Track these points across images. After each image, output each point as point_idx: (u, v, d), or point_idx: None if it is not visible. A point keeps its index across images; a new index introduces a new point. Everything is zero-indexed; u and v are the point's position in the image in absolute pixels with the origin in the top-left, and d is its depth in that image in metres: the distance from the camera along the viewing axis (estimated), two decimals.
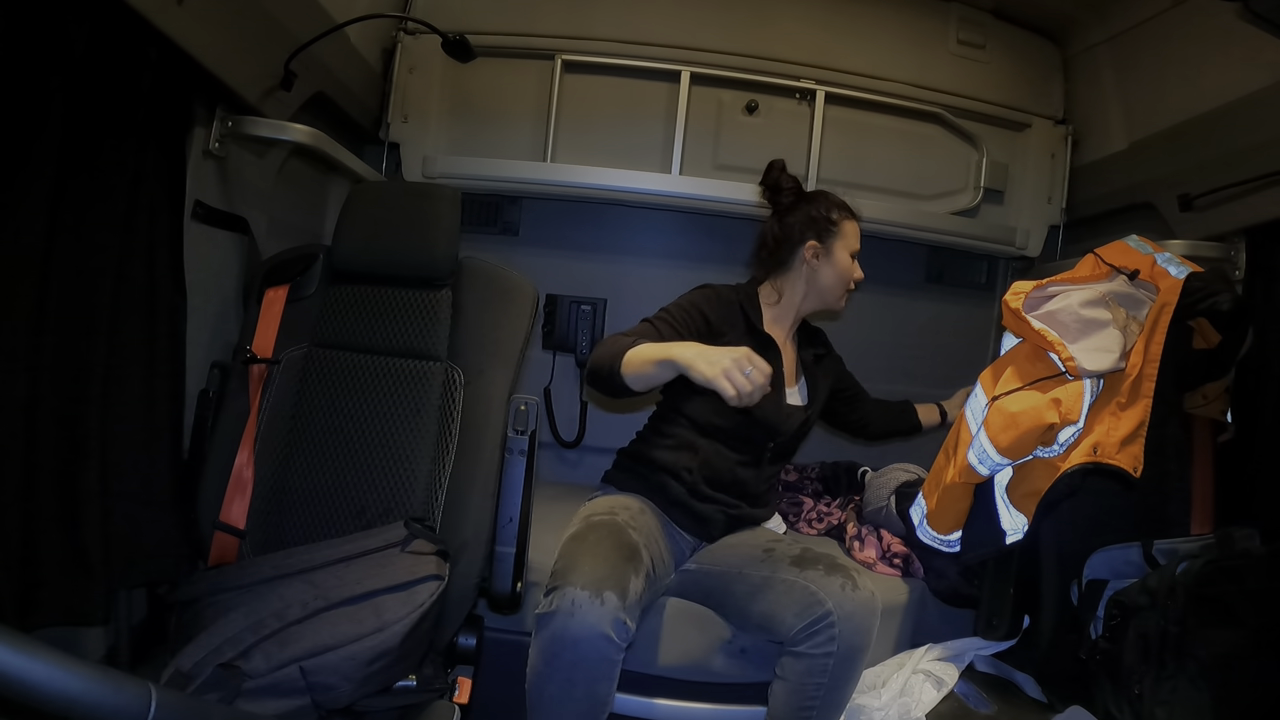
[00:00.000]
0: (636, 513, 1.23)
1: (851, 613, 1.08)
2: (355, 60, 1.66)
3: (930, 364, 2.08)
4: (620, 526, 1.16)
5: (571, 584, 1.00)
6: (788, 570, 1.16)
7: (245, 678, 0.86)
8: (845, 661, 1.08)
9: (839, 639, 1.06)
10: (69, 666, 0.41)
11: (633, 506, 1.25)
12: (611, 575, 1.02)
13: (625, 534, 1.14)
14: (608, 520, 1.18)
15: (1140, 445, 1.19)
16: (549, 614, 0.99)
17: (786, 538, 1.31)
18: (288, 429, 1.20)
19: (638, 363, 1.09)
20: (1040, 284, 1.33)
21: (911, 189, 1.98)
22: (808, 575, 1.13)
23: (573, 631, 0.97)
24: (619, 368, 1.10)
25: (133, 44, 1.04)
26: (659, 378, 1.10)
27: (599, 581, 1.00)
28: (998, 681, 1.36)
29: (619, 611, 0.98)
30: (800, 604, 1.10)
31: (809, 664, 1.08)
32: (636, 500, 1.28)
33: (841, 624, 1.07)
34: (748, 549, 1.26)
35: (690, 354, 1.02)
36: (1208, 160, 1.49)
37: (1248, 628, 1.08)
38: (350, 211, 1.26)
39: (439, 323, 1.22)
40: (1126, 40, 1.75)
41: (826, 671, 1.07)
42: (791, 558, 1.19)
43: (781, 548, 1.23)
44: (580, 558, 1.06)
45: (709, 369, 0.98)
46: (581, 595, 0.98)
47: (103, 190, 1.02)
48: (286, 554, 1.05)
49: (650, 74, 1.88)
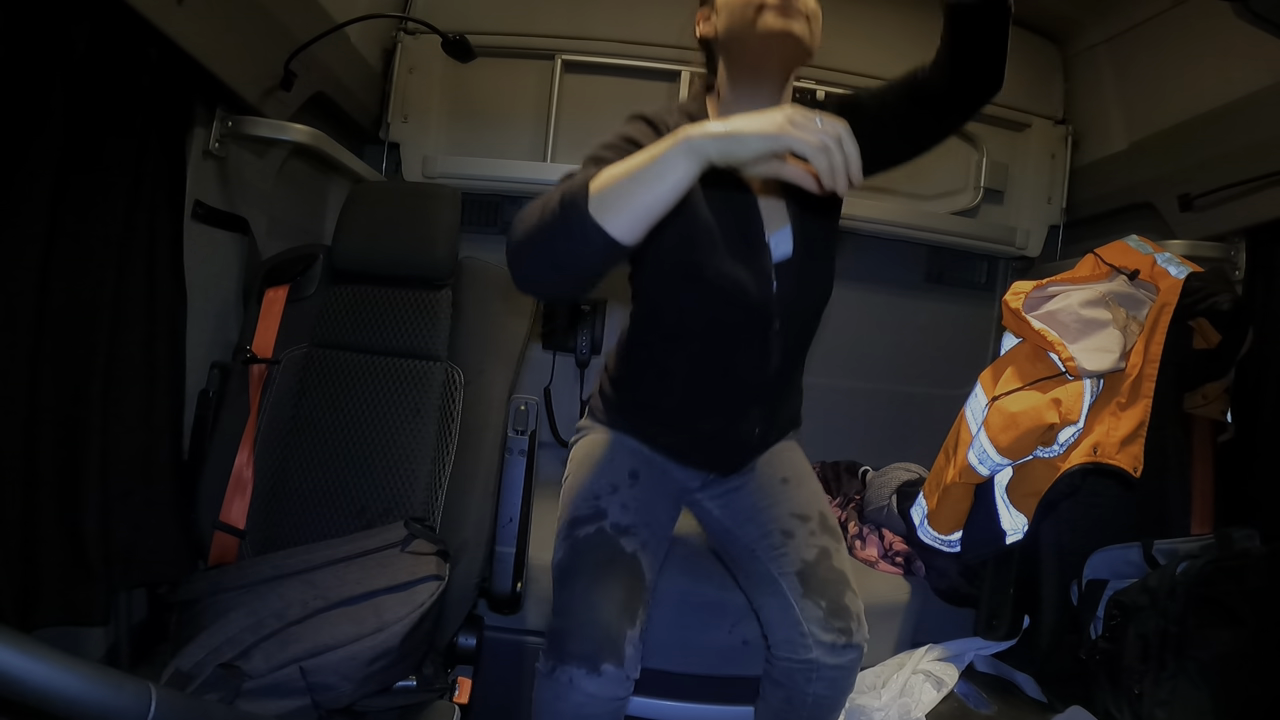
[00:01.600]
0: (625, 483, 1.06)
1: (837, 665, 0.99)
2: (355, 60, 1.65)
3: (930, 364, 2.07)
4: (610, 538, 1.00)
5: (566, 661, 0.90)
6: (791, 583, 1.02)
7: (245, 678, 0.86)
8: (828, 699, 1.03)
9: (817, 683, 1.01)
10: (69, 666, 0.41)
11: (620, 467, 1.08)
12: (608, 636, 0.90)
13: (618, 549, 0.99)
14: (595, 535, 1.00)
15: (1140, 445, 1.19)
16: (547, 679, 0.92)
17: (814, 517, 1.09)
18: (288, 429, 1.20)
19: (616, 183, 0.69)
20: (1040, 284, 1.33)
21: (911, 189, 1.98)
22: (807, 609, 0.99)
23: (573, 702, 0.91)
24: (584, 202, 0.70)
25: (133, 44, 1.04)
26: (658, 198, 0.69)
27: (596, 651, 0.90)
28: (998, 681, 1.36)
29: (619, 678, 0.91)
30: (789, 633, 1.01)
31: (789, 696, 1.03)
32: (624, 447, 1.12)
33: (825, 674, 1.00)
34: (767, 520, 1.09)
35: (716, 127, 0.67)
36: (1208, 160, 1.48)
37: (1248, 628, 1.08)
38: (350, 211, 1.26)
39: (439, 323, 1.22)
40: (1126, 40, 1.75)
41: (807, 706, 1.02)
42: (803, 564, 1.03)
43: (801, 536, 1.06)
44: (572, 614, 0.93)
45: (765, 125, 0.65)
46: (578, 673, 0.89)
47: (103, 190, 1.02)
48: (286, 554, 1.05)
49: (650, 74, 1.88)
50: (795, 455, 1.22)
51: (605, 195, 0.70)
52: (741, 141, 0.67)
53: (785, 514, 1.09)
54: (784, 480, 1.14)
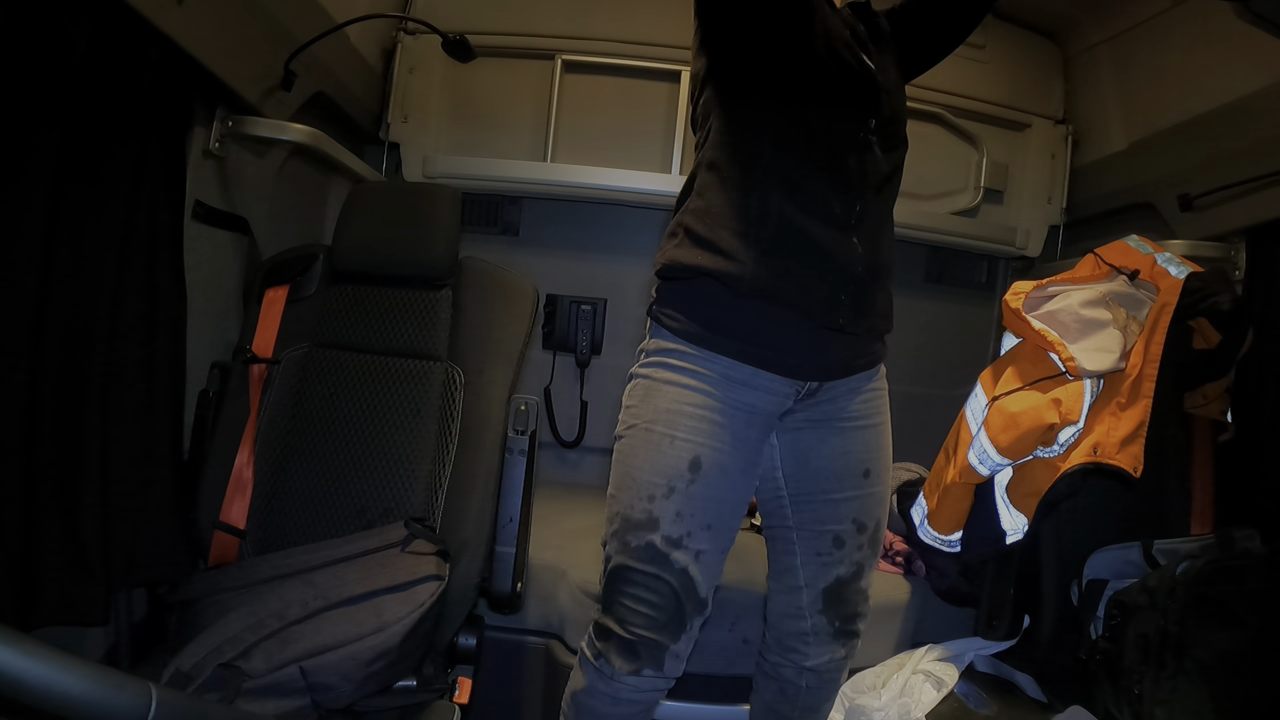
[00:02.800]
0: (684, 479, 0.90)
1: (828, 670, 1.02)
2: (355, 60, 1.65)
3: (930, 364, 2.07)
4: (661, 554, 0.90)
5: (608, 658, 0.92)
6: (815, 597, 0.99)
7: (245, 678, 0.86)
8: (819, 693, 1.04)
9: (806, 683, 1.03)
10: (69, 666, 0.41)
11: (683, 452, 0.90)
12: (647, 649, 0.91)
13: (667, 564, 0.90)
14: (646, 549, 0.91)
15: (1140, 445, 1.19)
16: (588, 663, 0.95)
17: (871, 526, 1.00)
18: (288, 429, 1.20)
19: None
20: (1040, 284, 1.33)
21: (911, 189, 1.97)
22: (819, 624, 0.98)
23: (614, 693, 0.94)
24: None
25: (133, 44, 1.04)
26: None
27: (636, 657, 0.91)
28: (998, 681, 1.36)
29: (656, 680, 0.93)
30: (791, 636, 1.01)
31: (781, 686, 1.04)
32: (699, 396, 0.91)
33: (810, 674, 1.02)
34: (829, 516, 0.99)
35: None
36: (1208, 160, 1.49)
37: (1248, 628, 1.08)
38: (350, 211, 1.26)
39: (439, 323, 1.22)
40: (1126, 40, 1.75)
41: (800, 701, 1.04)
42: (837, 580, 0.98)
43: (850, 547, 0.99)
44: (617, 618, 0.92)
45: None
46: (620, 672, 0.91)
47: (103, 190, 1.02)
48: (286, 554, 1.05)
49: (650, 74, 1.88)
50: (883, 428, 1.03)
51: None
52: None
53: (849, 516, 0.99)
54: (865, 474, 1.00)
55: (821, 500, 0.99)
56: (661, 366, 0.94)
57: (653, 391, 0.93)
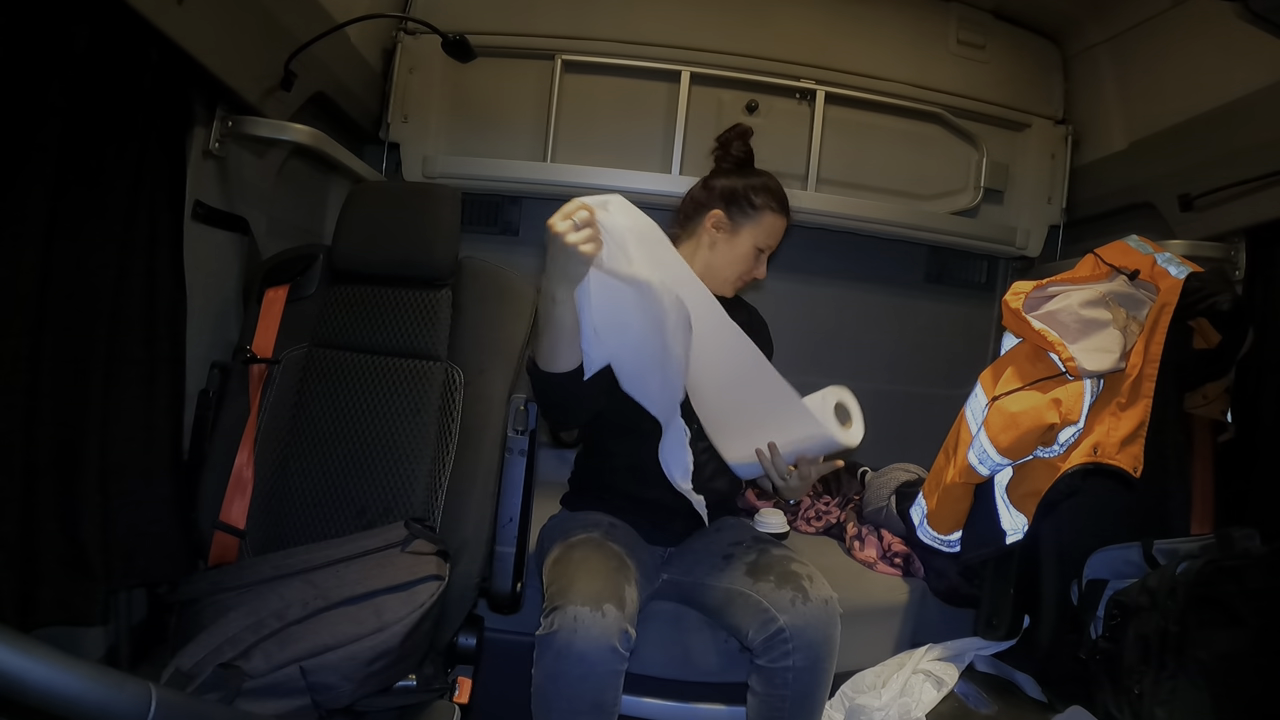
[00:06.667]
0: (607, 526, 1.22)
1: (803, 626, 1.06)
2: (355, 60, 1.66)
3: (930, 364, 2.08)
4: (599, 541, 1.15)
5: (571, 601, 0.99)
6: (742, 581, 1.14)
7: (245, 678, 0.86)
8: (807, 672, 1.06)
9: (794, 654, 1.05)
10: (69, 666, 0.41)
11: (601, 521, 1.23)
12: (607, 588, 1.02)
13: (607, 546, 1.14)
14: (585, 539, 1.16)
15: (1140, 445, 1.19)
16: (550, 634, 0.98)
17: (747, 539, 1.25)
18: (288, 429, 1.20)
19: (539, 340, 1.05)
20: (1040, 284, 1.33)
21: (911, 189, 1.98)
22: (760, 588, 1.11)
23: (578, 647, 0.96)
24: (536, 363, 1.07)
25: (133, 44, 1.04)
26: (561, 325, 1.01)
27: (597, 595, 0.99)
28: (998, 681, 1.36)
29: (621, 621, 0.98)
30: (756, 620, 1.08)
31: (770, 676, 1.07)
32: (599, 513, 1.26)
33: (795, 638, 1.05)
34: (708, 555, 1.24)
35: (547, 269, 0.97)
36: (1208, 160, 1.49)
37: (1248, 628, 1.08)
38: (350, 211, 1.26)
39: (439, 323, 1.22)
40: (1126, 40, 1.75)
41: (789, 684, 1.06)
42: (747, 565, 1.16)
43: (739, 553, 1.20)
44: (573, 577, 1.05)
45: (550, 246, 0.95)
46: (582, 611, 0.97)
47: (103, 190, 1.02)
48: (286, 554, 1.05)
49: (650, 74, 1.88)
50: (739, 525, 1.34)
51: (538, 353, 1.07)
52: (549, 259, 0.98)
53: (725, 543, 1.24)
54: (717, 528, 1.30)
55: (702, 558, 1.24)
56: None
57: (566, 517, 1.33)
